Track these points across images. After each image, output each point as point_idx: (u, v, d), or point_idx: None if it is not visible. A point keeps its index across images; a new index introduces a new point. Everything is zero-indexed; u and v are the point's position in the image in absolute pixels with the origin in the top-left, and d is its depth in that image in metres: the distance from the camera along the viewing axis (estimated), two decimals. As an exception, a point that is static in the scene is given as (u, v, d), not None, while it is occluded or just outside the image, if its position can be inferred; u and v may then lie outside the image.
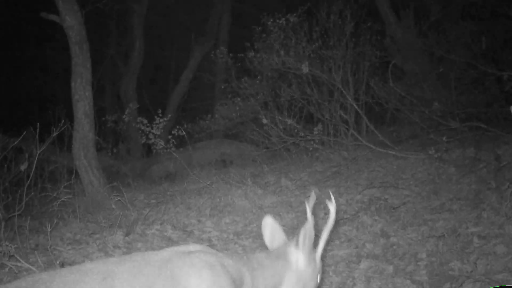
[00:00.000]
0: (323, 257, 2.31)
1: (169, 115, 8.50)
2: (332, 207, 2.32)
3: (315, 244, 2.26)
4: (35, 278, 1.79)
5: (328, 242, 2.31)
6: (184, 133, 7.25)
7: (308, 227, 2.14)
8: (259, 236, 4.35)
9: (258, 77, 7.59)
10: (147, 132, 6.98)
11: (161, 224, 4.68)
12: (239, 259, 2.10)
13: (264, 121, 7.12)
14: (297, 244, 2.16)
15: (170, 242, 4.27)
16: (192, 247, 2.08)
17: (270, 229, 2.31)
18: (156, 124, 6.94)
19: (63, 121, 5.46)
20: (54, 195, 5.67)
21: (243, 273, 2.02)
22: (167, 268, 1.87)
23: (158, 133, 6.96)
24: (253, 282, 2.05)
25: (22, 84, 12.12)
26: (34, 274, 1.86)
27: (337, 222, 4.51)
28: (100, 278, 1.78)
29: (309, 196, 2.36)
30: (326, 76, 6.92)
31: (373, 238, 4.04)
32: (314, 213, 2.25)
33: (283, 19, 7.08)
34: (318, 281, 2.25)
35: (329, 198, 2.33)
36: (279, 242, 2.26)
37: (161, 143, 6.92)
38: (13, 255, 3.72)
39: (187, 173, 6.80)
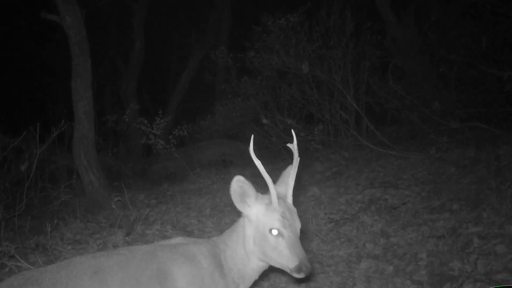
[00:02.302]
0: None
1: (170, 116, 8.51)
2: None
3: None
4: (26, 275, 1.80)
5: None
6: (185, 132, 7.25)
7: (235, 182, 2.01)
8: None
9: (258, 77, 7.59)
10: (148, 133, 6.98)
11: (161, 224, 4.68)
12: (213, 243, 2.13)
13: (264, 121, 7.12)
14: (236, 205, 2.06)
15: (170, 242, 4.27)
16: (173, 240, 2.15)
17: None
18: (156, 124, 6.94)
19: (63, 121, 5.47)
20: (54, 195, 5.68)
21: (219, 256, 2.07)
22: (152, 262, 1.92)
23: (158, 133, 6.96)
24: (227, 262, 2.08)
25: (22, 84, 12.11)
26: (25, 272, 1.86)
27: (337, 222, 4.52)
28: (91, 272, 1.81)
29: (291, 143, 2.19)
30: (326, 76, 6.92)
31: (373, 238, 4.04)
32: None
33: (283, 19, 7.08)
34: (279, 231, 1.99)
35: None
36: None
37: (161, 143, 6.92)
38: (13, 255, 3.72)
39: (187, 173, 6.80)
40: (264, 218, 2.04)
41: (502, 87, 6.59)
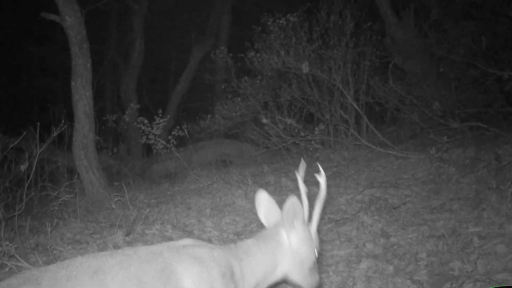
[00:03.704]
0: (319, 231, 2.24)
1: (169, 116, 8.51)
2: (321, 178, 2.24)
3: (310, 218, 2.20)
4: (26, 275, 1.78)
5: (322, 215, 2.23)
6: (185, 132, 7.25)
7: (290, 203, 2.05)
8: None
9: (258, 77, 7.59)
10: (147, 132, 6.98)
11: (161, 224, 4.68)
12: (227, 249, 2.09)
13: (264, 121, 7.12)
14: (284, 224, 2.10)
15: (170, 242, 4.27)
16: (183, 241, 2.09)
17: (265, 204, 2.25)
18: (156, 124, 6.93)
19: (63, 121, 5.47)
20: (55, 195, 5.68)
21: (232, 263, 2.03)
22: (158, 262, 1.87)
23: (158, 133, 6.96)
24: (242, 271, 2.05)
25: (22, 84, 12.11)
26: (25, 271, 1.85)
27: (337, 222, 4.52)
28: (91, 272, 1.78)
29: (299, 166, 2.27)
30: (326, 76, 6.92)
31: (373, 238, 4.04)
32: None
33: (283, 19, 7.08)
34: (316, 255, 2.20)
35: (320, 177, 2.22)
36: (275, 219, 2.21)
37: (162, 142, 6.92)
38: (13, 255, 3.72)
39: (187, 173, 6.80)
40: (313, 240, 2.18)
41: (502, 87, 6.60)
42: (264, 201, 2.26)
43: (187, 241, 2.10)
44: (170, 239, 4.36)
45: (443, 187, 4.78)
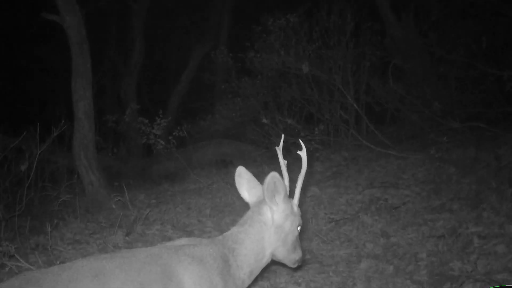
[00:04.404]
0: (301, 204, 2.25)
1: (170, 117, 8.51)
2: (303, 153, 2.32)
3: (293, 193, 2.22)
4: (27, 276, 1.79)
5: (303, 189, 2.25)
6: (185, 133, 7.25)
7: (270, 178, 2.06)
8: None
9: (258, 77, 7.59)
10: (148, 133, 6.98)
11: (161, 224, 4.68)
12: (218, 243, 2.11)
13: (264, 121, 7.12)
14: (265, 200, 2.11)
15: (170, 242, 4.27)
16: (178, 241, 2.12)
17: (247, 179, 2.27)
18: (157, 124, 6.93)
19: (63, 121, 5.46)
20: (54, 195, 5.68)
21: (226, 256, 2.06)
22: (157, 264, 1.89)
23: (159, 133, 6.95)
24: (237, 262, 2.08)
25: (22, 84, 12.10)
26: (26, 273, 1.86)
27: (337, 222, 4.52)
28: (92, 275, 1.79)
29: (280, 141, 2.33)
30: (326, 76, 6.93)
31: (373, 238, 4.04)
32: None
33: (283, 19, 7.08)
34: (299, 230, 2.22)
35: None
36: (257, 195, 2.23)
37: (162, 142, 6.91)
38: (13, 255, 3.72)
39: (187, 173, 6.80)
40: (296, 215, 2.20)
41: (502, 87, 6.59)
42: (245, 177, 2.28)
43: (183, 240, 2.14)
44: (170, 239, 4.36)
45: (443, 187, 4.77)
